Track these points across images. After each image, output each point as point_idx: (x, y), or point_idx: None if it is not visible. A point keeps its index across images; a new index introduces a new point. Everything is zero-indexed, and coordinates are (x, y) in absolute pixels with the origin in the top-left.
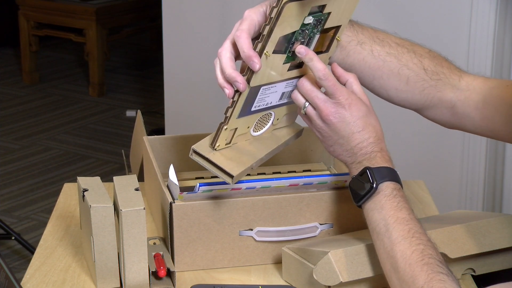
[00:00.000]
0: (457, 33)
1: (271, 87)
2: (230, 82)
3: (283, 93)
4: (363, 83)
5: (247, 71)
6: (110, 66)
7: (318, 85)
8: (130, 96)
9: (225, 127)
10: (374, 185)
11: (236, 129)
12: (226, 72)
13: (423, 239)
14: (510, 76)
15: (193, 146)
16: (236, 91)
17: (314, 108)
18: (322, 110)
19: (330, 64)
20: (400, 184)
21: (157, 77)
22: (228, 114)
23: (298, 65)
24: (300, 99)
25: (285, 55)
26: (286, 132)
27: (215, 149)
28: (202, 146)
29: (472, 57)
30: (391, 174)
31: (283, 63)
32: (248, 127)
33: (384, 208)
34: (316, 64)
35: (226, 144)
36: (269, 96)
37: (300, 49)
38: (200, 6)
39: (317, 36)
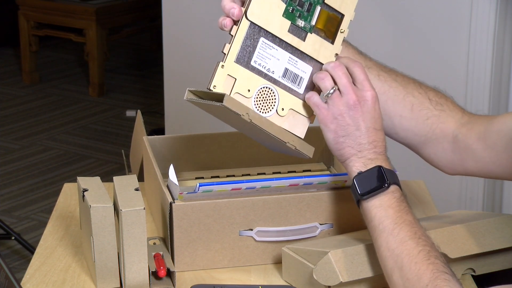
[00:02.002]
0: (457, 33)
1: (272, 47)
2: (229, 17)
3: (286, 70)
4: None
5: (245, 3)
6: (110, 66)
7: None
8: (130, 96)
9: (221, 63)
10: (386, 184)
11: (235, 81)
12: (223, 3)
13: (429, 242)
14: (510, 76)
15: (188, 88)
16: (234, 25)
17: (342, 93)
18: (353, 95)
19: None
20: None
21: (157, 77)
22: (226, 50)
23: (299, 35)
24: (327, 82)
25: (284, 5)
26: (295, 140)
27: (210, 90)
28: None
29: (472, 57)
30: (398, 180)
31: (283, 15)
32: (249, 90)
33: (391, 208)
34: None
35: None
36: (271, 60)
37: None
38: (200, 6)
39: (318, 8)
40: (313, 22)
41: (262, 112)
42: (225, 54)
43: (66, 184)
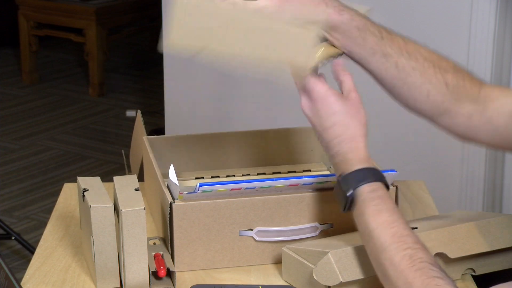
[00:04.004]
0: (457, 33)
1: None
2: None
3: None
4: (382, 87)
5: None
6: (110, 66)
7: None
8: (130, 96)
9: None
10: (348, 194)
11: None
12: None
13: (410, 242)
14: (510, 76)
15: None
16: None
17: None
18: (301, 103)
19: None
20: (381, 181)
21: (157, 77)
22: None
23: None
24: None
25: None
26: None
27: None
28: None
29: (472, 57)
30: (366, 175)
31: None
32: None
33: (364, 214)
34: None
35: None
36: None
37: None
38: None
39: None
40: None
41: None
42: None
43: (66, 184)
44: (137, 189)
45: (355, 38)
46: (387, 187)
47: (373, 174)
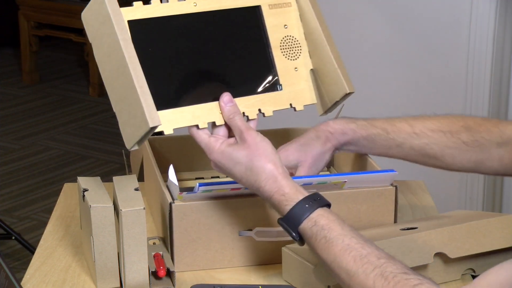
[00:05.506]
0: (457, 33)
1: None
2: None
3: None
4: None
5: None
6: None
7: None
8: None
9: None
10: (294, 236)
11: None
12: None
13: (374, 261)
14: (510, 76)
15: None
16: None
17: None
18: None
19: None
20: (316, 207)
21: None
22: None
23: None
24: None
25: None
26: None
27: None
28: None
29: (472, 57)
30: (300, 212)
31: None
32: None
33: (316, 249)
34: None
35: None
36: None
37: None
38: None
39: None
40: None
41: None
42: None
43: (66, 184)
44: (137, 189)
45: (365, 145)
46: (326, 204)
47: (307, 207)
